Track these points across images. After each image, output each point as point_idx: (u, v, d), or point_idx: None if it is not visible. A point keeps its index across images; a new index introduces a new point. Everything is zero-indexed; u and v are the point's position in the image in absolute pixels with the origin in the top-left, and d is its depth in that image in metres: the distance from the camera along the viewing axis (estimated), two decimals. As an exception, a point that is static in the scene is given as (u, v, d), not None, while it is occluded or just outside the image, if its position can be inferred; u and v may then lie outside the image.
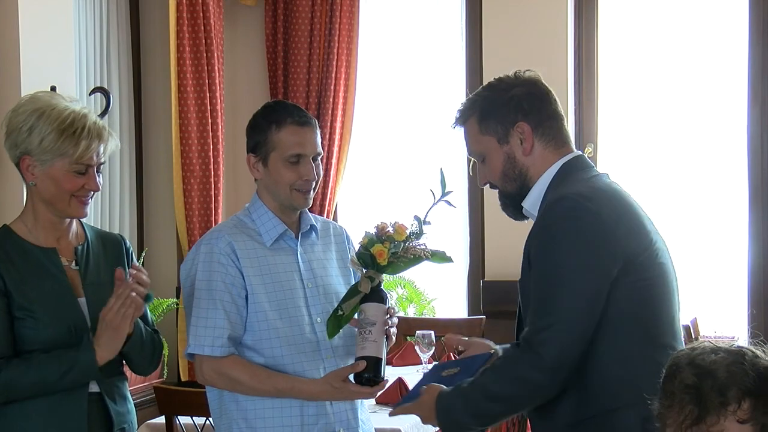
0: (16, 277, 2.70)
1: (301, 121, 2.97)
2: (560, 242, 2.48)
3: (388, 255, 2.84)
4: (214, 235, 2.97)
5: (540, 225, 2.56)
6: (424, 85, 6.47)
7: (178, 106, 5.83)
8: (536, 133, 2.67)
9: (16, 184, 4.51)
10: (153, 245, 6.15)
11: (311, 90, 6.33)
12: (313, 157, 2.98)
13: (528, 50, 5.95)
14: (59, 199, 2.75)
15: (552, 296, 2.47)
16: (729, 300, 5.93)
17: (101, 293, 2.78)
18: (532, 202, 2.69)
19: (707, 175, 5.97)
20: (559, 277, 2.47)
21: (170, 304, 5.74)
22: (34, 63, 4.72)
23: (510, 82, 2.72)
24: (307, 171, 2.96)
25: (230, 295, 2.90)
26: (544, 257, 2.52)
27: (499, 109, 2.68)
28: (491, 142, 2.70)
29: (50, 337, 2.70)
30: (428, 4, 6.49)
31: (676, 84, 6.03)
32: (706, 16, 6.03)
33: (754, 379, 1.92)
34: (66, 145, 2.69)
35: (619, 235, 2.49)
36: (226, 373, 2.89)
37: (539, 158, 2.67)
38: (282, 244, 3.01)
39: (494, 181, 2.74)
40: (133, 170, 6.13)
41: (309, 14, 6.33)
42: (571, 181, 2.61)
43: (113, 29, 5.94)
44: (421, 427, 4.18)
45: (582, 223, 2.48)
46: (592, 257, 2.46)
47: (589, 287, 2.46)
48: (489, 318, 5.84)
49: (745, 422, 1.90)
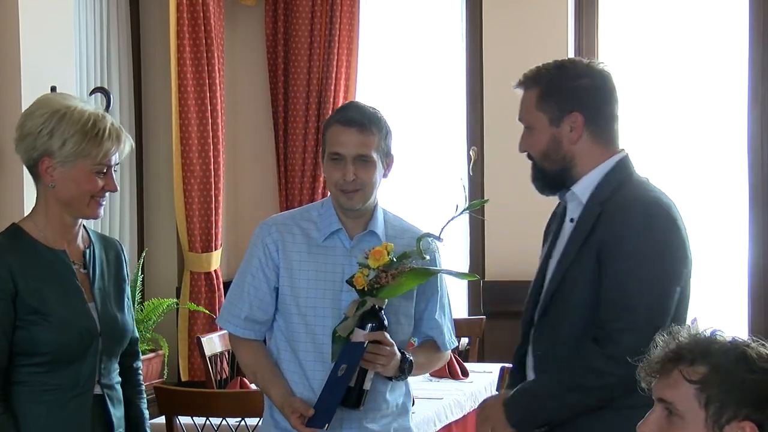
0: (30, 279, 2.69)
1: (344, 120, 2.97)
2: (646, 245, 2.60)
3: (365, 281, 2.85)
4: (269, 221, 3.08)
5: (623, 225, 2.63)
6: (424, 85, 6.47)
7: (178, 106, 5.83)
8: (587, 126, 2.73)
9: (16, 184, 4.52)
10: (153, 245, 6.15)
11: (311, 90, 6.33)
12: (358, 158, 2.95)
13: (528, 50, 5.94)
14: (79, 200, 2.75)
15: (634, 295, 2.58)
16: (729, 300, 5.93)
17: (108, 299, 2.80)
18: (583, 189, 2.75)
19: (707, 175, 5.97)
20: (642, 279, 2.58)
21: (170, 304, 5.73)
22: (34, 63, 4.72)
23: (581, 70, 2.78)
24: (346, 171, 2.95)
25: (259, 280, 3.01)
26: (627, 256, 2.60)
27: (560, 93, 2.74)
28: (542, 120, 2.75)
29: (63, 340, 2.69)
30: (428, 4, 6.49)
31: (676, 84, 6.03)
32: (706, 16, 6.03)
33: (717, 352, 1.96)
34: (89, 146, 2.70)
35: (688, 244, 2.66)
36: (236, 350, 3.12)
37: (587, 151, 2.74)
38: (335, 241, 3.02)
39: (535, 155, 2.81)
40: (133, 170, 6.13)
41: (309, 14, 6.33)
42: (636, 183, 2.72)
43: (113, 29, 5.94)
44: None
45: (665, 228, 2.62)
46: (673, 262, 2.62)
47: (667, 290, 2.61)
48: (489, 318, 5.84)
49: (693, 383, 1.95)
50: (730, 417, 1.93)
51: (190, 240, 5.90)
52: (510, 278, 6.02)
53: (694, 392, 1.95)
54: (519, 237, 5.97)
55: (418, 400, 4.34)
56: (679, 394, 1.98)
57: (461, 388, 4.77)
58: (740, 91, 5.83)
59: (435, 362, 3.21)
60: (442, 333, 3.13)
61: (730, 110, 5.92)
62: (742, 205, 5.81)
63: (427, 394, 4.52)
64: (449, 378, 4.91)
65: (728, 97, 5.93)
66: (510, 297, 6.04)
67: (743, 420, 1.92)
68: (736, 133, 5.87)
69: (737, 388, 1.93)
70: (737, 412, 1.92)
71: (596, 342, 2.60)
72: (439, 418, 4.38)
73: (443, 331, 3.13)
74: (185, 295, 5.91)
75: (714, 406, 1.94)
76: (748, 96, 5.79)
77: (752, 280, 5.78)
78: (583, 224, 2.71)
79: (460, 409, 4.62)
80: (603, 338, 2.59)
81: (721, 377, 1.94)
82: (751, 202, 5.78)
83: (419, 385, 4.68)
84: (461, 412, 4.63)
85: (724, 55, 5.96)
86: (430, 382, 4.86)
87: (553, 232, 2.89)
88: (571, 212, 2.80)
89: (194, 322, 5.92)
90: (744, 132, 5.81)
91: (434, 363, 3.21)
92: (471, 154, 6.22)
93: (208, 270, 5.97)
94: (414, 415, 4.11)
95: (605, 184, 2.72)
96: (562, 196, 2.83)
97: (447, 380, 4.89)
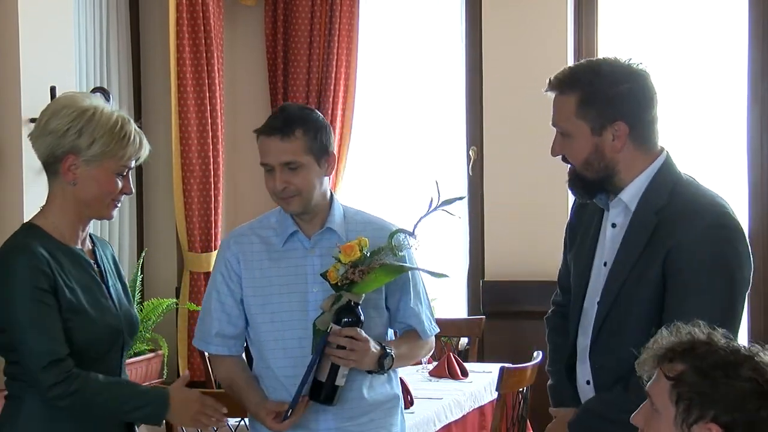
0: (63, 276, 2.70)
1: (264, 130, 3.00)
2: (725, 256, 2.56)
3: (337, 276, 2.85)
4: (228, 236, 3.13)
5: (695, 235, 2.56)
6: (424, 85, 6.46)
7: (178, 106, 5.83)
8: (632, 134, 2.65)
9: (16, 184, 4.52)
10: (153, 246, 6.14)
11: (311, 90, 6.33)
12: (285, 165, 2.96)
13: (528, 50, 5.95)
14: (99, 200, 2.78)
15: (720, 307, 2.53)
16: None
17: (120, 296, 2.85)
18: (630, 196, 2.67)
19: (707, 175, 5.95)
20: (727, 289, 2.56)
21: (170, 304, 5.74)
22: (34, 63, 4.72)
23: (621, 74, 2.67)
24: (276, 180, 2.98)
25: (224, 295, 3.04)
26: (705, 268, 2.54)
27: (602, 102, 2.63)
28: (583, 129, 2.65)
29: (94, 338, 2.72)
30: (428, 4, 6.49)
31: (676, 84, 6.03)
32: (706, 16, 6.03)
33: (700, 354, 1.97)
34: (116, 147, 2.76)
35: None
36: (212, 368, 3.18)
37: (630, 157, 2.66)
38: (295, 244, 3.03)
39: (575, 163, 2.69)
40: (133, 170, 6.12)
41: (309, 14, 6.33)
42: (689, 186, 2.69)
43: (113, 29, 5.94)
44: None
45: (738, 236, 2.59)
46: (749, 271, 2.61)
47: (742, 300, 2.61)
48: (489, 318, 5.84)
49: (669, 380, 1.97)
50: (697, 417, 1.93)
51: (189, 240, 5.90)
52: (510, 278, 6.02)
53: (669, 388, 1.97)
54: (519, 237, 5.97)
55: (417, 400, 4.35)
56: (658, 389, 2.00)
57: (461, 388, 4.77)
58: (740, 91, 5.83)
59: (418, 351, 3.17)
60: (421, 321, 3.11)
61: (730, 110, 5.92)
62: (742, 205, 5.81)
63: (426, 394, 4.52)
64: (449, 378, 4.91)
65: (728, 97, 5.93)
66: (510, 297, 6.05)
67: (710, 422, 1.92)
68: (736, 133, 5.86)
69: (709, 389, 1.93)
70: (705, 413, 1.93)
71: None
72: (438, 418, 4.38)
73: (422, 319, 3.12)
74: (185, 295, 5.91)
75: (684, 404, 1.95)
76: (748, 96, 5.78)
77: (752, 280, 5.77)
78: (637, 233, 2.63)
79: (460, 409, 4.62)
80: None
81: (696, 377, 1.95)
82: (751, 202, 5.78)
83: (419, 385, 4.69)
84: (461, 412, 4.62)
85: (723, 55, 5.96)
86: (429, 382, 4.86)
87: (590, 237, 2.78)
88: (613, 217, 2.72)
89: (194, 322, 5.90)
90: (744, 132, 5.80)
91: (417, 352, 3.18)
92: (471, 154, 6.23)
93: (208, 270, 5.97)
94: (413, 415, 4.14)
95: (655, 189, 2.65)
96: (603, 201, 2.74)
97: (446, 380, 4.89)
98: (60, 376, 2.63)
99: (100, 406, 2.70)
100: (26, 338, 2.63)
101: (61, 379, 2.63)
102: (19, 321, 2.64)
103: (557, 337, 2.93)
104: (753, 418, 1.90)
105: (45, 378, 2.63)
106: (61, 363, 2.64)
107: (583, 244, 2.80)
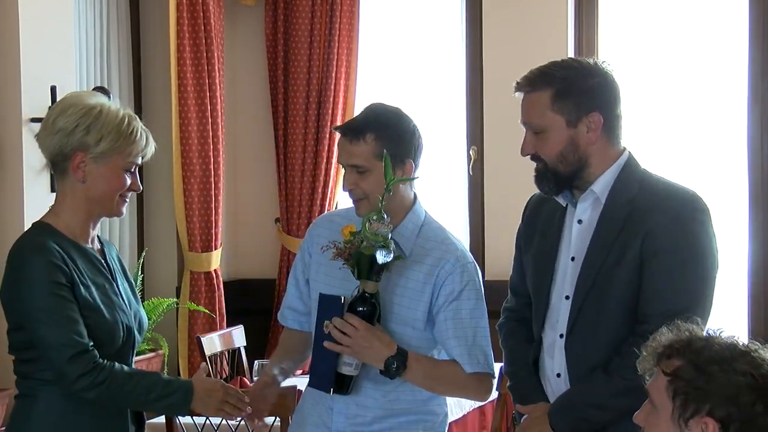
0: (79, 275, 2.71)
1: (340, 129, 3.02)
2: (699, 236, 2.64)
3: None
4: (321, 215, 3.29)
5: (670, 218, 2.65)
6: (425, 85, 6.46)
7: (178, 106, 5.83)
8: (605, 126, 2.72)
9: (16, 184, 4.52)
10: (153, 245, 6.15)
11: (311, 90, 6.33)
12: (353, 168, 2.96)
13: (528, 50, 5.94)
14: (108, 197, 2.81)
15: (696, 286, 2.61)
16: (729, 300, 5.93)
17: (129, 295, 2.86)
18: (601, 188, 2.73)
19: (707, 175, 5.96)
20: (702, 268, 2.63)
21: (170, 303, 5.74)
22: (34, 63, 4.72)
23: (591, 69, 2.75)
24: (345, 180, 3.02)
25: (298, 271, 3.10)
26: (680, 248, 2.62)
27: (578, 93, 2.70)
28: (559, 122, 2.71)
29: (108, 336, 2.73)
30: (428, 4, 6.49)
31: (676, 84, 6.03)
32: (706, 16, 6.02)
33: (697, 349, 1.98)
34: (124, 143, 2.78)
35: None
36: None
37: (601, 150, 2.73)
38: None
39: (548, 158, 2.74)
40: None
41: (309, 14, 6.33)
42: (657, 178, 2.79)
43: (113, 29, 5.94)
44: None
45: (709, 219, 2.67)
46: (717, 252, 2.67)
47: (712, 285, 2.66)
48: (489, 318, 5.83)
49: (666, 375, 1.98)
50: (693, 411, 1.94)
51: (190, 239, 5.90)
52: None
53: (666, 384, 1.99)
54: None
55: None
56: (656, 385, 2.01)
57: (461, 388, 4.76)
58: (740, 91, 5.82)
59: (455, 381, 2.96)
60: (459, 351, 2.96)
61: (730, 110, 5.92)
62: (742, 205, 5.81)
63: (427, 394, 4.51)
64: (449, 378, 4.90)
65: (728, 96, 5.93)
66: (510, 297, 6.04)
67: (706, 416, 1.93)
68: (736, 133, 5.86)
69: (704, 383, 1.94)
70: (700, 407, 1.93)
71: (642, 338, 2.55)
72: (439, 418, 4.37)
73: (462, 351, 2.95)
74: (185, 295, 5.92)
75: (680, 399, 1.96)
76: (748, 96, 5.78)
77: (752, 280, 5.78)
78: (610, 221, 2.68)
79: (460, 408, 4.62)
80: (649, 334, 2.54)
81: (692, 372, 1.96)
82: (751, 202, 5.78)
83: (419, 385, 4.68)
84: (461, 412, 4.63)
85: (724, 55, 5.95)
86: (429, 381, 4.85)
87: (551, 236, 2.82)
88: (580, 213, 2.75)
89: (194, 321, 5.92)
90: (744, 132, 5.80)
91: (453, 382, 2.96)
92: (471, 153, 6.23)
93: (208, 270, 5.97)
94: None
95: (624, 180, 2.72)
96: (568, 197, 2.78)
97: (447, 380, 4.88)
98: (86, 366, 2.64)
99: (126, 396, 2.70)
100: (48, 332, 2.64)
101: (87, 370, 2.64)
102: (40, 316, 2.64)
103: (513, 341, 3.04)
104: (748, 412, 1.91)
105: (71, 370, 2.63)
106: (86, 354, 2.65)
107: (543, 243, 2.85)
